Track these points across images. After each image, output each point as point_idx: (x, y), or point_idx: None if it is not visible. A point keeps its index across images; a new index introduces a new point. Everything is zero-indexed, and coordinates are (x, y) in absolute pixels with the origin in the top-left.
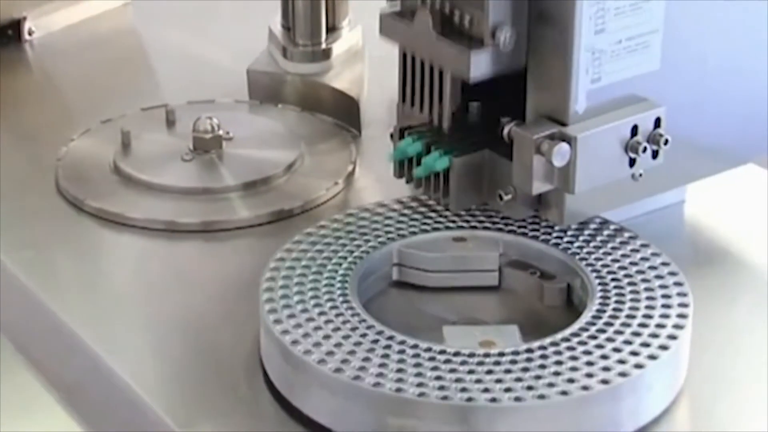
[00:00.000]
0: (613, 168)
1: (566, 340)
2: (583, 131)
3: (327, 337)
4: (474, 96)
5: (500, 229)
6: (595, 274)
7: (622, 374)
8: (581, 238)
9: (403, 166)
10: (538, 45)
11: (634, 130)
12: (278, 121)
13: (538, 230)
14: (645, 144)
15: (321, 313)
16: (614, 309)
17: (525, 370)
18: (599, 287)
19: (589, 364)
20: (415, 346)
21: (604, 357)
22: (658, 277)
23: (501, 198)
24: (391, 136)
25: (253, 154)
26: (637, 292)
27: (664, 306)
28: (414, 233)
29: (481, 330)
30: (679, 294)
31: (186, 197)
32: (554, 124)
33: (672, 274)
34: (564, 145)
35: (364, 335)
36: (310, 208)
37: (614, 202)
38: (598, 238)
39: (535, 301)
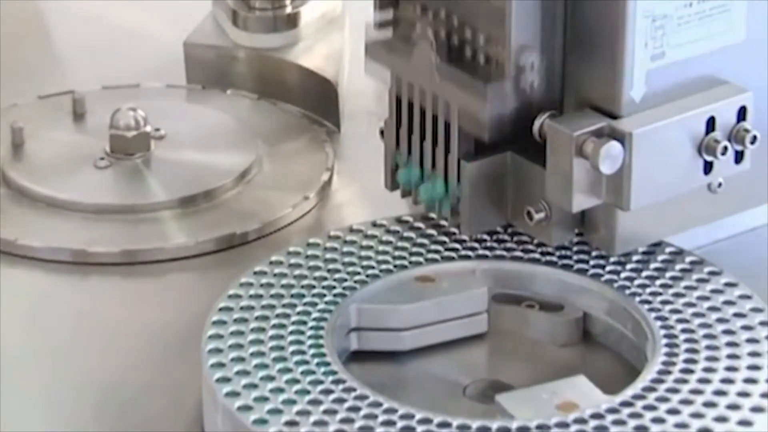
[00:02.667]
0: (681, 176)
1: (641, 397)
2: (641, 125)
3: (304, 413)
4: None
5: (467, 257)
6: (654, 314)
7: None
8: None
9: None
10: (581, 10)
11: (711, 124)
12: (227, 113)
13: (516, 249)
14: (725, 143)
15: (291, 381)
16: (685, 360)
17: None
18: (659, 324)
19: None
20: (425, 421)
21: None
22: (738, 315)
23: (530, 217)
24: (381, 133)
25: (193, 159)
26: (708, 325)
27: (751, 353)
28: (365, 282)
29: (547, 390)
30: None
31: (101, 218)
32: (602, 116)
33: (744, 297)
34: (615, 145)
35: (356, 409)
36: (270, 231)
37: (683, 222)
38: (650, 264)
39: (542, 340)
